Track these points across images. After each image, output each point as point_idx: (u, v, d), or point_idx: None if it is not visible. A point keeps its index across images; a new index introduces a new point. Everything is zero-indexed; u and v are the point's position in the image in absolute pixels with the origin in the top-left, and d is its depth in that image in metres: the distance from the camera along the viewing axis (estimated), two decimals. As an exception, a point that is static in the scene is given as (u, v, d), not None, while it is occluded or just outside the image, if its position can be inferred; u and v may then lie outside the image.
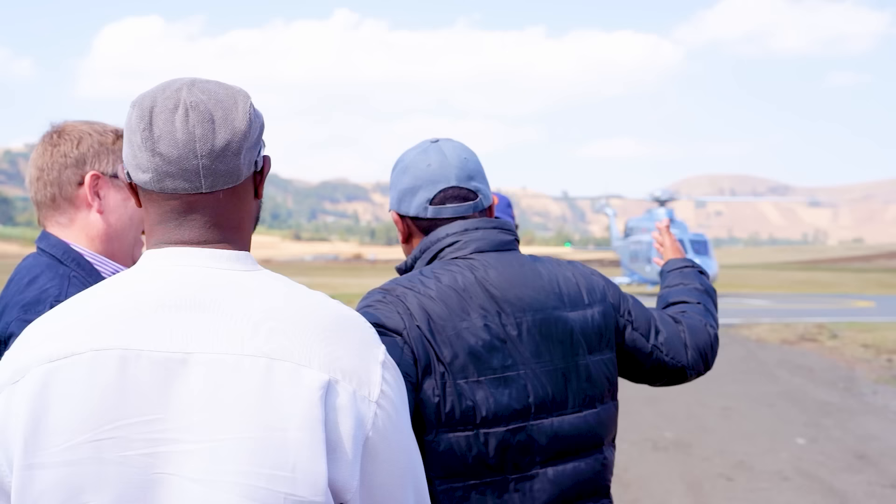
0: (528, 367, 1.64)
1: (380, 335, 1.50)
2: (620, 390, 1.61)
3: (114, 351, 1.08)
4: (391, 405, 1.16)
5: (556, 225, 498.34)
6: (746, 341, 17.00)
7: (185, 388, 1.08)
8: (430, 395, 1.56)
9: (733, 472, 6.90)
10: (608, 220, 49.48)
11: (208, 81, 1.20)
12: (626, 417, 9.07)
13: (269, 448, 1.06)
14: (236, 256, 1.19)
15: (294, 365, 1.09)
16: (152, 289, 1.13)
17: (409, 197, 1.76)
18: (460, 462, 1.57)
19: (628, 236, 42.97)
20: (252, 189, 1.24)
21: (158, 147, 1.15)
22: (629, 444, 7.82)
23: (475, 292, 1.64)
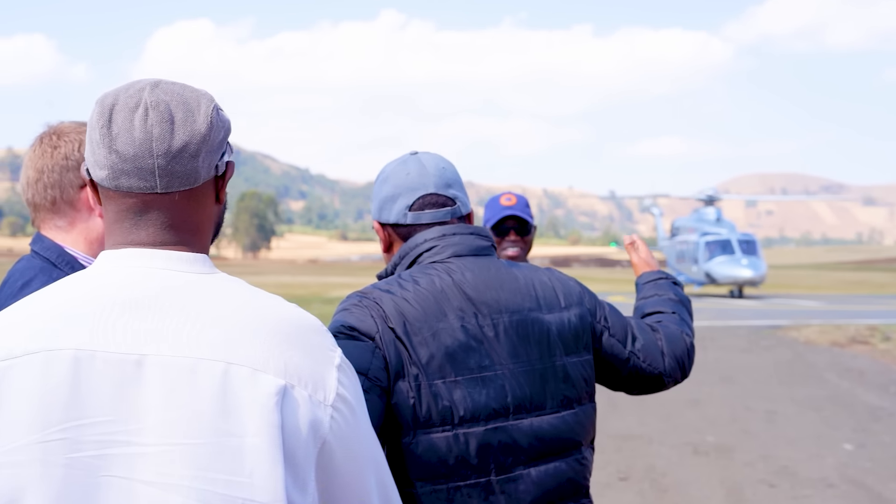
0: (506, 367, 1.67)
1: (352, 339, 1.59)
2: (662, 393, 1.56)
3: (68, 351, 1.08)
4: (348, 408, 1.16)
5: (603, 225, 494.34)
6: (795, 343, 16.62)
7: (139, 391, 1.07)
8: (405, 397, 1.59)
9: (776, 478, 6.70)
10: (654, 219, 48.92)
11: (174, 83, 1.20)
12: (666, 420, 8.91)
13: (225, 453, 1.06)
14: (194, 259, 1.18)
15: (250, 370, 1.09)
16: (109, 290, 1.13)
17: (390, 205, 1.81)
18: (442, 463, 1.59)
19: (674, 236, 42.48)
20: (213, 193, 1.23)
21: (115, 144, 1.15)
22: (668, 448, 7.66)
23: (452, 294, 1.68)
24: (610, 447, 7.69)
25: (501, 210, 3.16)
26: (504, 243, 3.15)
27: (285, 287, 37.41)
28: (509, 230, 3.16)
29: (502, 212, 3.15)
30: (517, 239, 3.15)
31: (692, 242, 38.15)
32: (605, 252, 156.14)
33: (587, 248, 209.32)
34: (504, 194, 3.24)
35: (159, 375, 1.08)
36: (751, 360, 14.00)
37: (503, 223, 3.16)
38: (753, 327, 20.14)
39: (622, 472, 6.84)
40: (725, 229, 38.45)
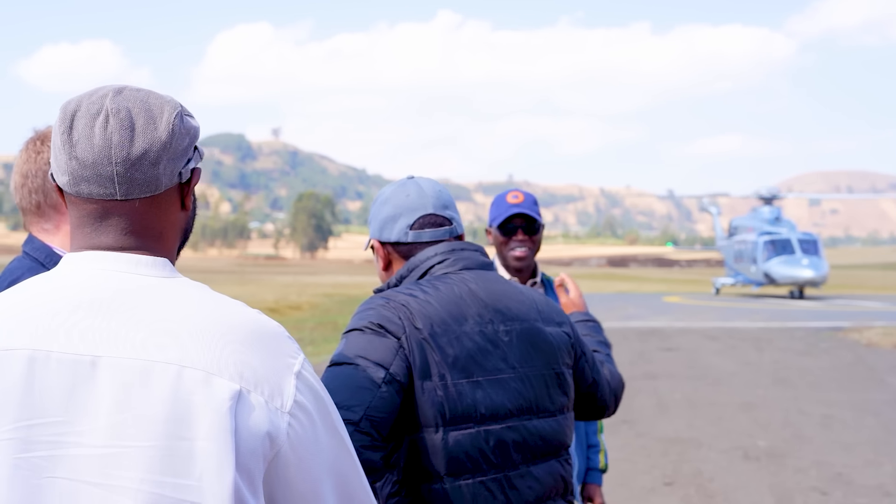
0: (517, 371, 1.79)
1: (378, 335, 1.68)
2: (714, 395, 1.53)
3: (23, 351, 1.08)
4: (306, 416, 1.15)
5: (662, 224, 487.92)
6: (856, 345, 16.12)
7: (91, 392, 1.07)
8: (433, 395, 1.68)
9: (829, 485, 6.47)
10: (712, 219, 48.10)
11: (139, 90, 1.20)
12: (716, 424, 8.69)
13: (174, 456, 1.05)
14: (154, 262, 1.18)
15: (205, 374, 1.08)
16: (67, 291, 1.13)
17: (391, 224, 1.91)
18: (468, 458, 1.70)
19: (732, 235, 41.73)
20: (177, 200, 1.23)
21: (75, 151, 1.15)
22: (717, 453, 7.46)
23: (471, 301, 1.79)
24: (656, 451, 7.53)
25: (508, 208, 3.00)
26: (511, 243, 3.00)
27: (341, 287, 37.72)
28: (517, 229, 3.01)
29: (509, 210, 2.99)
30: (525, 238, 3.00)
31: (750, 242, 37.42)
32: (662, 252, 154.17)
33: (645, 248, 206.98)
34: (511, 191, 3.07)
35: (112, 377, 1.07)
36: (808, 363, 13.63)
37: (510, 221, 3.01)
38: (812, 329, 19.63)
39: (668, 477, 6.68)
40: (785, 228, 37.64)
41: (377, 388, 1.63)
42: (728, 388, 11.06)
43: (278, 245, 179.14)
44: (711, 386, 11.17)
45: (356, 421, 1.58)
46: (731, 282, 39.84)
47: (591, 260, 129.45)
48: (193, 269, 73.20)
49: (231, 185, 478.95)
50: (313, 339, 16.02)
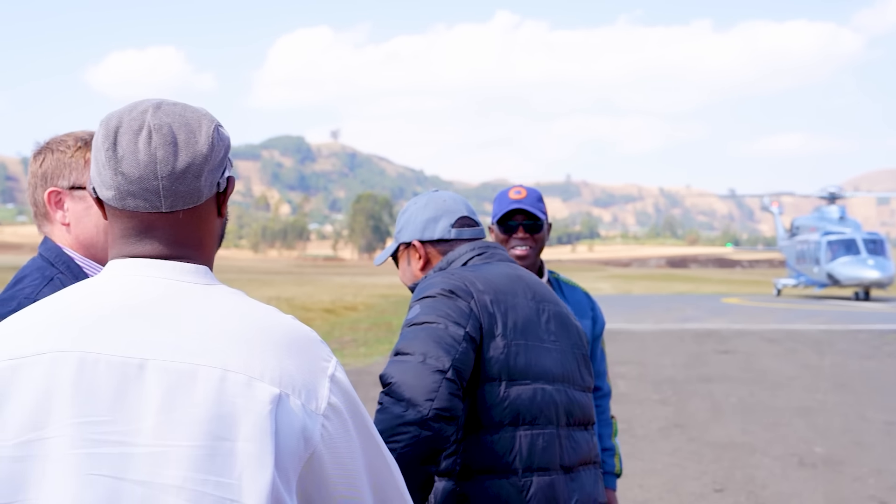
0: (557, 344, 1.98)
1: (450, 299, 1.86)
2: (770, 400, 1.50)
3: (74, 353, 1.13)
4: (339, 417, 1.19)
5: (723, 224, 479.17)
6: (923, 349, 15.60)
7: (139, 393, 1.11)
8: (499, 353, 1.86)
9: (889, 494, 6.25)
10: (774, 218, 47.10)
11: (175, 104, 1.24)
12: (772, 429, 8.48)
13: (217, 456, 1.10)
14: (196, 270, 1.23)
15: (247, 378, 1.13)
16: (114, 296, 1.18)
17: (433, 224, 2.13)
18: (526, 411, 1.86)
19: (794, 235, 40.82)
20: (215, 209, 1.28)
21: (121, 167, 1.19)
22: (771, 459, 7.27)
23: (517, 279, 2.01)
24: (708, 456, 7.37)
25: (509, 203, 2.83)
26: (512, 241, 2.83)
27: (397, 288, 37.88)
28: (518, 226, 2.83)
29: (510, 205, 2.82)
30: (526, 237, 2.83)
31: (813, 242, 36.57)
32: (723, 252, 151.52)
33: (705, 249, 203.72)
34: (514, 187, 2.89)
35: (159, 380, 1.12)
36: (872, 367, 13.23)
37: (511, 218, 2.84)
38: (878, 331, 19.07)
39: (718, 483, 6.53)
40: (850, 228, 36.68)
41: (459, 344, 1.80)
42: (786, 392, 10.79)
43: (337, 246, 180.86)
44: (768, 390, 10.91)
45: (445, 370, 1.75)
46: (792, 283, 38.99)
47: (651, 260, 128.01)
48: (253, 270, 74.36)
49: (291, 187, 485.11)
50: (367, 339, 16.09)
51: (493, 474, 1.83)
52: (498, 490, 1.82)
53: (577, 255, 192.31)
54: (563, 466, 1.90)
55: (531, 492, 1.84)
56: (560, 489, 1.88)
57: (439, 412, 1.72)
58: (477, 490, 1.83)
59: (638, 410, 9.41)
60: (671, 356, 14.37)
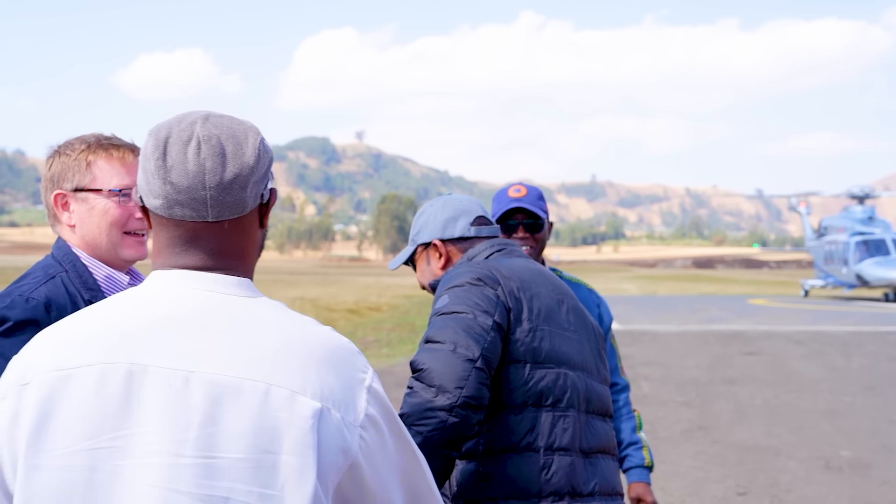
0: (576, 334, 2.03)
1: (478, 287, 1.91)
2: (796, 402, 1.48)
3: (122, 365, 1.15)
4: (375, 428, 1.22)
5: (750, 224, 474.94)
6: (953, 351, 15.35)
7: (185, 405, 1.14)
8: (523, 336, 1.91)
9: (916, 499, 6.14)
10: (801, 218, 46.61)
11: (222, 116, 1.27)
12: (797, 432, 8.37)
13: (261, 468, 1.13)
14: (239, 283, 1.25)
15: (290, 392, 1.15)
16: (161, 308, 1.20)
17: (453, 223, 2.20)
18: (549, 392, 1.91)
19: (822, 236, 40.36)
20: (257, 219, 1.31)
21: (170, 176, 1.21)
22: (796, 462, 7.17)
23: (536, 271, 2.07)
24: (731, 458, 7.29)
25: (509, 202, 2.76)
26: (511, 240, 2.71)
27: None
28: (517, 226, 2.76)
29: (510, 204, 2.75)
30: (526, 236, 2.76)
31: (842, 242, 36.14)
32: (750, 253, 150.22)
33: (732, 249, 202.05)
34: (513, 185, 2.82)
35: (205, 392, 1.14)
36: (900, 369, 13.02)
37: (511, 216, 2.77)
38: (907, 333, 18.78)
39: (741, 487, 6.45)
40: (879, 228, 36.21)
41: (487, 333, 1.85)
42: (812, 394, 10.65)
43: (361, 247, 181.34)
44: (794, 392, 10.78)
45: (475, 359, 1.80)
46: (820, 284, 38.56)
47: (677, 261, 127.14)
48: (279, 271, 74.74)
49: (316, 187, 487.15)
50: (390, 340, 16.10)
51: (515, 453, 1.87)
52: (519, 468, 1.87)
53: (603, 256, 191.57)
54: (583, 450, 1.94)
55: (552, 470, 1.88)
56: (579, 471, 1.91)
57: (468, 400, 1.77)
58: (499, 469, 1.87)
59: (661, 412, 9.33)
60: (695, 358, 14.25)
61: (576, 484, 1.90)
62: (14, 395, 1.17)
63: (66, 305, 1.82)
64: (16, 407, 1.16)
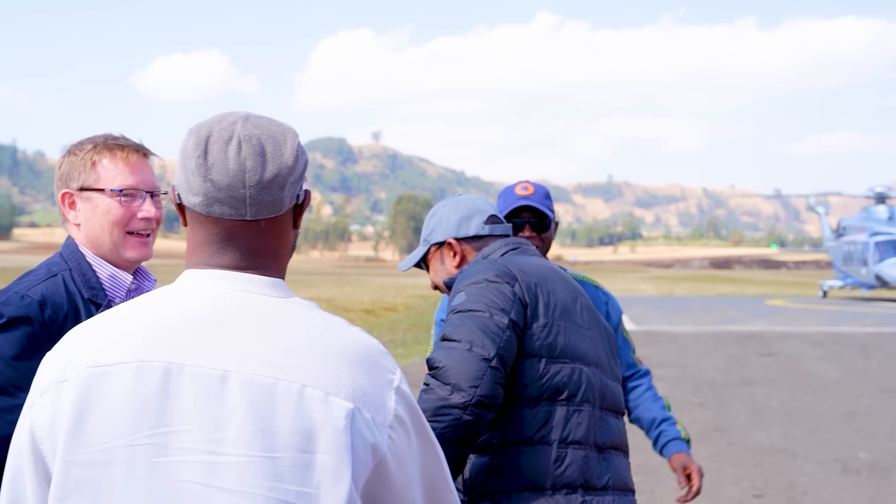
0: (590, 331, 2.05)
1: (496, 284, 1.94)
2: (814, 404, 1.46)
3: (159, 363, 1.17)
4: (402, 427, 1.25)
5: (768, 225, 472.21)
6: (974, 353, 15.17)
7: (222, 404, 1.15)
8: (539, 331, 1.93)
9: (935, 502, 6.07)
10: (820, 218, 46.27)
11: (261, 117, 1.29)
12: (815, 434, 8.30)
13: (297, 467, 1.15)
14: (273, 283, 1.27)
15: (323, 393, 1.18)
16: (196, 307, 1.22)
17: (467, 222, 2.22)
18: (564, 387, 1.93)
19: (841, 236, 40.05)
20: (291, 220, 1.32)
21: (211, 174, 1.23)
22: (814, 465, 7.10)
23: (552, 270, 2.10)
24: (748, 460, 7.23)
25: (516, 200, 2.72)
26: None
27: (435, 288, 37.87)
28: (524, 224, 2.71)
29: (517, 202, 2.71)
30: (533, 235, 2.71)
31: (860, 243, 35.86)
32: (768, 253, 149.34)
33: (750, 249, 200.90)
34: (520, 183, 2.78)
35: (241, 392, 1.16)
36: (920, 371, 12.89)
37: (517, 215, 2.72)
38: (927, 334, 18.59)
39: (757, 489, 6.39)
40: (899, 228, 35.86)
41: (503, 332, 1.87)
42: (830, 396, 10.56)
43: (378, 247, 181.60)
44: (812, 394, 10.69)
45: (490, 358, 1.83)
46: (839, 284, 38.25)
47: (694, 262, 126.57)
48: (296, 271, 74.93)
49: (332, 188, 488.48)
50: (405, 340, 16.10)
51: (529, 446, 1.89)
52: (533, 461, 1.88)
53: (619, 257, 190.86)
54: (597, 445, 1.96)
55: (565, 463, 1.89)
56: (593, 465, 1.93)
57: (482, 399, 1.80)
58: (512, 462, 1.89)
59: (677, 414, 9.25)
60: (712, 359, 14.16)
61: (589, 477, 1.91)
62: (52, 393, 1.18)
63: (63, 304, 1.84)
64: (55, 404, 1.17)
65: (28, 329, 1.79)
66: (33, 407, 1.20)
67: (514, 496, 1.88)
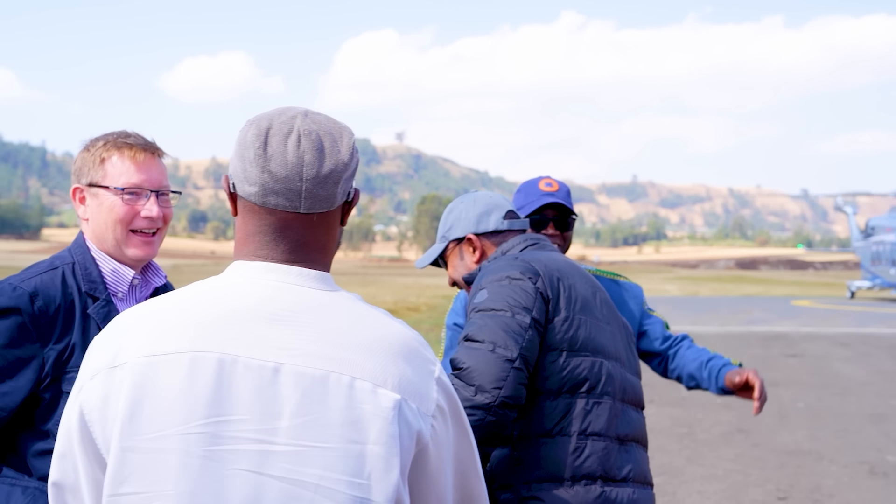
0: (610, 325, 2.07)
1: (518, 282, 1.96)
2: (840, 406, 1.41)
3: (213, 354, 1.19)
4: (443, 417, 1.29)
5: (795, 225, 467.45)
6: None
7: (275, 396, 1.19)
8: (560, 324, 1.95)
9: (965, 506, 5.95)
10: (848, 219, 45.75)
11: (319, 114, 1.32)
12: (841, 436, 8.18)
13: (348, 457, 1.18)
14: (321, 277, 1.29)
15: (372, 385, 1.21)
16: (249, 300, 1.24)
17: (486, 218, 2.24)
18: (585, 380, 1.95)
19: (869, 236, 39.57)
20: (340, 216, 1.35)
21: (269, 165, 1.25)
22: (840, 467, 6.99)
23: (571, 265, 2.11)
24: (772, 462, 7.13)
25: (541, 196, 2.65)
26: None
27: (458, 288, 37.84)
28: (548, 222, 2.65)
29: (542, 198, 2.64)
30: (556, 234, 2.65)
31: (889, 243, 35.43)
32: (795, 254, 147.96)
33: (776, 250, 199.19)
34: (543, 178, 2.71)
35: (294, 383, 1.19)
36: (950, 372, 12.67)
37: (541, 212, 2.65)
38: (957, 336, 18.29)
39: (782, 491, 6.30)
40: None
41: (525, 332, 1.89)
42: (857, 397, 10.41)
43: (401, 247, 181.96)
44: (838, 395, 10.55)
45: (513, 359, 1.85)
46: (867, 285, 37.82)
47: (719, 262, 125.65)
48: (319, 271, 74.89)
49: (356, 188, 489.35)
50: (428, 340, 15.87)
51: (549, 437, 1.92)
52: (552, 452, 1.90)
53: (644, 257, 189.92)
54: (618, 437, 1.97)
55: (585, 454, 1.91)
56: (614, 457, 1.95)
57: (506, 400, 1.83)
58: (532, 453, 1.91)
59: (700, 415, 9.18)
60: (737, 359, 13.97)
61: (609, 468, 1.93)
62: (104, 377, 1.20)
63: (56, 296, 1.88)
64: (106, 388, 1.19)
65: (17, 319, 1.83)
66: (82, 389, 1.22)
67: (533, 487, 1.90)
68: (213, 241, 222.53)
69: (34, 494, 1.80)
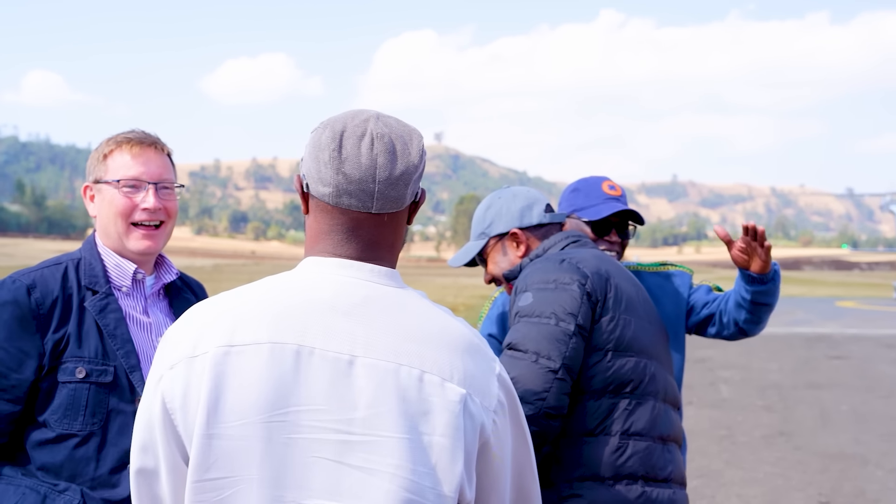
0: (652, 325, 2.07)
1: (564, 286, 1.96)
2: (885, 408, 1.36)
3: (291, 346, 1.23)
4: (503, 411, 1.33)
5: (840, 225, 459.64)
6: None
7: (350, 387, 1.23)
8: (606, 325, 1.95)
9: None
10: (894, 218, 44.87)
11: (390, 117, 1.36)
12: (888, 440, 8.00)
13: (418, 448, 1.23)
14: (390, 274, 1.34)
15: (440, 379, 1.26)
16: (324, 293, 1.28)
17: (528, 212, 2.23)
18: (629, 381, 1.95)
19: (917, 236, 38.74)
20: (407, 216, 1.39)
21: (344, 167, 1.29)
22: (885, 472, 6.83)
23: (615, 264, 2.10)
24: (814, 466, 6.99)
25: (607, 200, 2.47)
26: (600, 244, 2.47)
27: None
28: (611, 228, 2.49)
29: (610, 203, 2.46)
30: (616, 241, 2.49)
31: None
32: (839, 254, 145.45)
33: (820, 250, 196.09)
34: (605, 180, 2.54)
35: (368, 375, 1.23)
36: None
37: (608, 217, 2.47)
38: None
39: (824, 496, 6.17)
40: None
41: (570, 340, 1.89)
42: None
43: (440, 247, 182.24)
44: (884, 398, 10.31)
45: (556, 370, 1.86)
46: (915, 286, 37.01)
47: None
48: (357, 271, 75.25)
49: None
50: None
51: (591, 437, 1.92)
52: (594, 451, 1.91)
53: (684, 257, 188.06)
54: (661, 437, 1.97)
55: (627, 454, 1.91)
56: (657, 457, 1.95)
57: (549, 410, 1.83)
58: (573, 452, 1.92)
59: (740, 417, 9.04)
60: (778, 361, 13.79)
61: (651, 468, 1.93)
62: (184, 367, 1.24)
63: (54, 289, 1.92)
64: (186, 377, 1.23)
65: (15, 311, 1.87)
66: (162, 379, 1.25)
67: (575, 485, 1.90)
68: (253, 241, 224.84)
69: (23, 493, 1.82)
